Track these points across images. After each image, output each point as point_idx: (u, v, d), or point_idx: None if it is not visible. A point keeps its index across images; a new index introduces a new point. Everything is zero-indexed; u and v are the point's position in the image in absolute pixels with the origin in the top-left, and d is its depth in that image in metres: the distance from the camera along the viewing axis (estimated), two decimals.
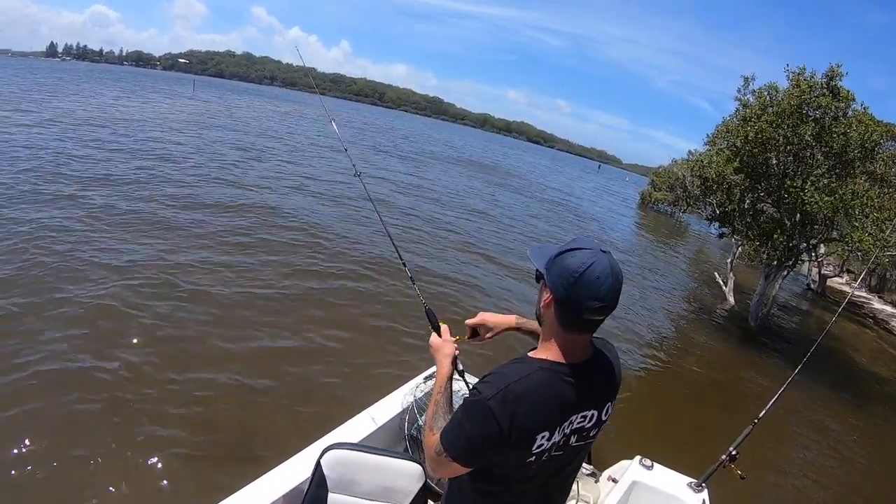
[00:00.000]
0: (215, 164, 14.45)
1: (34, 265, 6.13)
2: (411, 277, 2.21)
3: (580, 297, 1.19)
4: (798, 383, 8.03)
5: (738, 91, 9.90)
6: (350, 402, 3.35)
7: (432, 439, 1.35)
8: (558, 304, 1.25)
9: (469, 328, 1.75)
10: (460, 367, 1.72)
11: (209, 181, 12.24)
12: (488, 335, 1.75)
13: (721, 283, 13.63)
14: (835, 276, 20.71)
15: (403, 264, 2.31)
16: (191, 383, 4.55)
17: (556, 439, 1.29)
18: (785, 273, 10.80)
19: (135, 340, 5.02)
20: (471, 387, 1.37)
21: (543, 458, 1.30)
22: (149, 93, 40.55)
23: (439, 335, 1.69)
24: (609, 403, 1.38)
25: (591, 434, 1.38)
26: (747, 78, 9.75)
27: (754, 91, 9.60)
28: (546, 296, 1.28)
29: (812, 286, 19.99)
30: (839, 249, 15.91)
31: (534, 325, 1.75)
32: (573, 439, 1.34)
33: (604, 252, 1.22)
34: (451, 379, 1.54)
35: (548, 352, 1.31)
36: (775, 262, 10.38)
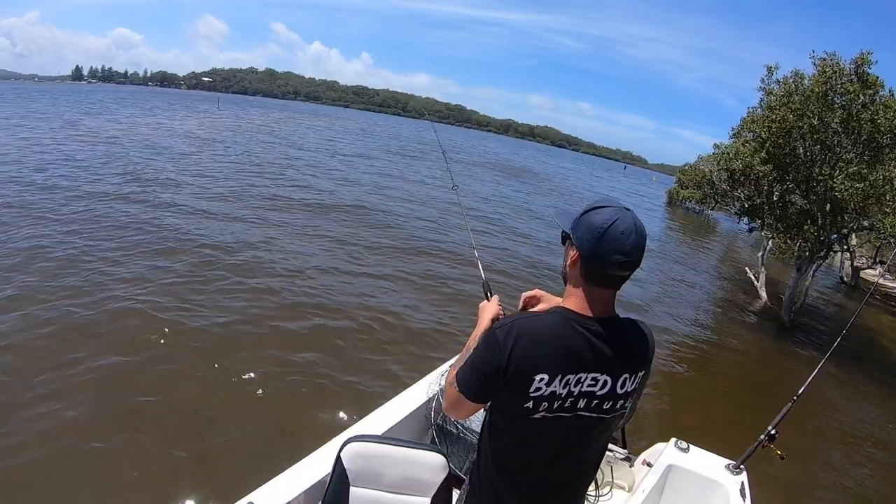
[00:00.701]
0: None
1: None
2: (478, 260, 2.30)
3: (605, 251, 1.22)
4: (834, 375, 7.97)
5: (762, 80, 9.69)
6: None
7: (451, 375, 1.41)
8: (584, 259, 1.27)
9: (523, 299, 1.73)
10: None
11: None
12: (536, 310, 1.72)
13: (753, 278, 13.33)
14: (867, 268, 20.00)
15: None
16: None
17: (558, 389, 1.26)
18: (816, 266, 10.52)
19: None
20: None
21: (543, 408, 1.28)
22: (178, 110, 42.35)
23: (489, 301, 1.75)
24: (627, 376, 1.33)
25: (604, 406, 1.32)
26: (771, 67, 9.55)
27: (778, 80, 9.41)
28: (572, 253, 1.31)
29: (845, 279, 19.37)
30: (871, 238, 15.45)
31: None
32: (581, 403, 1.30)
33: (627, 210, 1.26)
34: None
35: (567, 301, 1.34)
36: (807, 255, 10.11)
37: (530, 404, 1.28)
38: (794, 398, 3.02)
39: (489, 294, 1.85)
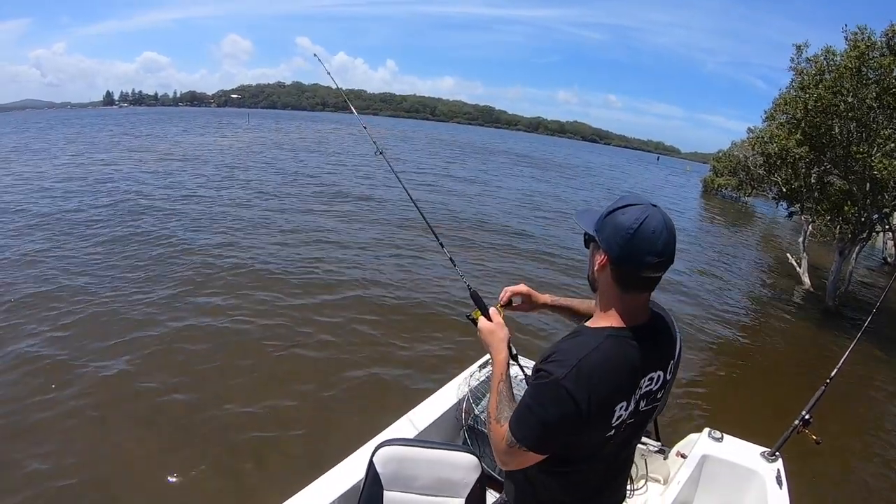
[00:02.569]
0: None
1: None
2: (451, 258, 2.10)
3: (637, 253, 1.16)
4: (880, 359, 7.71)
5: (792, 60, 9.44)
6: None
7: (501, 431, 1.27)
8: (614, 263, 1.21)
9: (508, 295, 1.70)
10: (514, 350, 1.60)
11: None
12: (522, 306, 1.74)
13: (794, 264, 12.96)
14: None
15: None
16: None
17: (632, 407, 1.25)
18: (859, 248, 10.19)
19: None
20: (533, 369, 1.28)
21: (622, 429, 1.26)
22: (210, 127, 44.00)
23: (489, 318, 1.59)
24: (671, 362, 1.34)
25: (657, 396, 1.33)
26: (800, 46, 9.29)
27: (809, 59, 9.16)
28: (600, 257, 1.24)
29: (889, 259, 18.51)
30: None
31: (567, 301, 1.76)
32: (643, 404, 1.29)
33: (654, 206, 1.19)
34: (509, 364, 1.46)
35: (609, 318, 1.26)
36: (849, 237, 9.81)
37: (612, 433, 1.25)
38: (828, 381, 2.97)
39: (484, 308, 1.64)
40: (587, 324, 1.31)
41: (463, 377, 3.03)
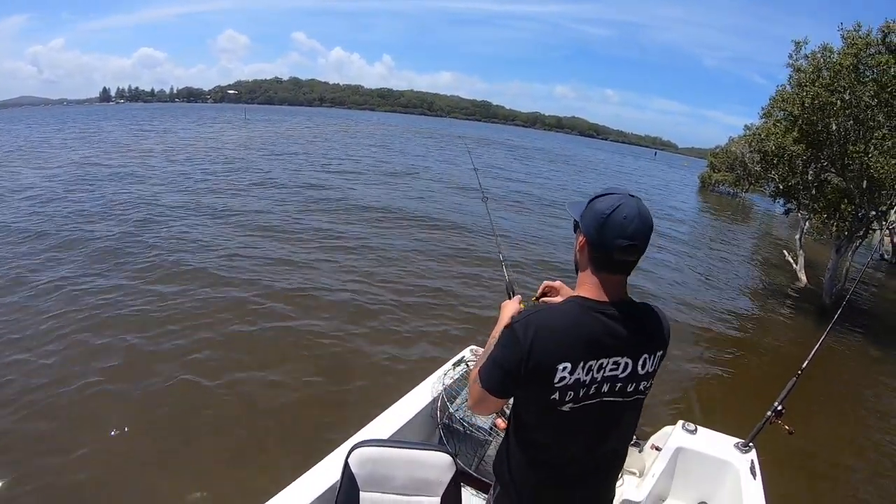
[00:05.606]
0: None
1: None
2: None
3: (609, 236, 1.25)
4: (878, 359, 7.73)
5: (790, 57, 9.40)
6: None
7: (474, 373, 1.43)
8: (590, 245, 1.32)
9: (543, 288, 1.73)
10: None
11: None
12: (552, 300, 1.71)
13: (791, 261, 12.98)
14: None
15: None
16: None
17: (581, 377, 1.29)
18: (856, 245, 10.19)
19: None
20: None
21: (570, 398, 1.30)
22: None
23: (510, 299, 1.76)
24: (647, 356, 1.36)
25: (627, 389, 1.35)
26: (799, 42, 9.25)
27: (807, 56, 9.14)
28: (580, 239, 1.36)
29: (886, 256, 18.65)
30: None
31: None
32: (605, 388, 1.32)
33: (632, 196, 1.29)
34: None
35: (580, 289, 1.37)
36: (845, 234, 9.81)
37: (556, 395, 1.30)
38: (799, 372, 3.03)
39: (511, 293, 1.88)
40: None
41: (437, 376, 3.02)
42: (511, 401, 1.44)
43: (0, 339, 5.36)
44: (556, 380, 1.28)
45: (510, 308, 1.64)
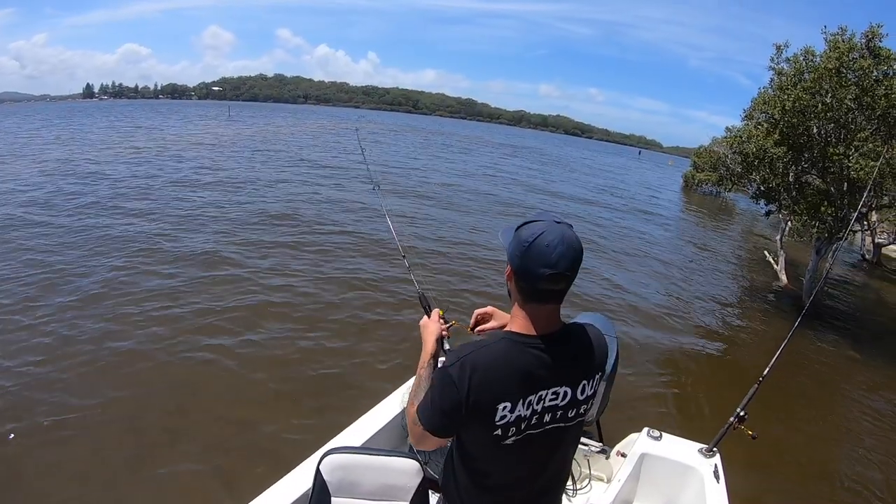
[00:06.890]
0: None
1: None
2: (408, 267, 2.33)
3: (532, 265, 1.22)
4: (856, 360, 7.79)
5: (772, 60, 9.44)
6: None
7: (412, 412, 1.40)
8: (515, 274, 1.29)
9: (476, 317, 1.75)
10: (447, 346, 1.76)
11: None
12: (487, 327, 1.74)
13: (772, 261, 13.10)
14: (890, 244, 19.53)
15: None
16: None
17: (522, 413, 1.28)
18: (836, 246, 10.29)
19: None
20: None
21: (512, 433, 1.30)
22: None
23: (429, 317, 1.72)
24: (585, 382, 1.35)
25: (569, 415, 1.35)
26: (780, 46, 9.29)
27: (788, 59, 9.18)
28: (508, 269, 1.32)
29: (866, 256, 18.94)
30: (891, 216, 15.12)
31: None
32: (547, 417, 1.32)
33: (558, 223, 1.25)
34: (435, 357, 1.58)
35: (513, 325, 1.34)
36: (826, 236, 9.90)
37: (499, 432, 1.29)
38: (760, 379, 3.08)
39: (428, 308, 1.85)
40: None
41: (407, 386, 3.05)
42: None
43: None
44: (497, 419, 1.27)
45: (431, 329, 1.63)
